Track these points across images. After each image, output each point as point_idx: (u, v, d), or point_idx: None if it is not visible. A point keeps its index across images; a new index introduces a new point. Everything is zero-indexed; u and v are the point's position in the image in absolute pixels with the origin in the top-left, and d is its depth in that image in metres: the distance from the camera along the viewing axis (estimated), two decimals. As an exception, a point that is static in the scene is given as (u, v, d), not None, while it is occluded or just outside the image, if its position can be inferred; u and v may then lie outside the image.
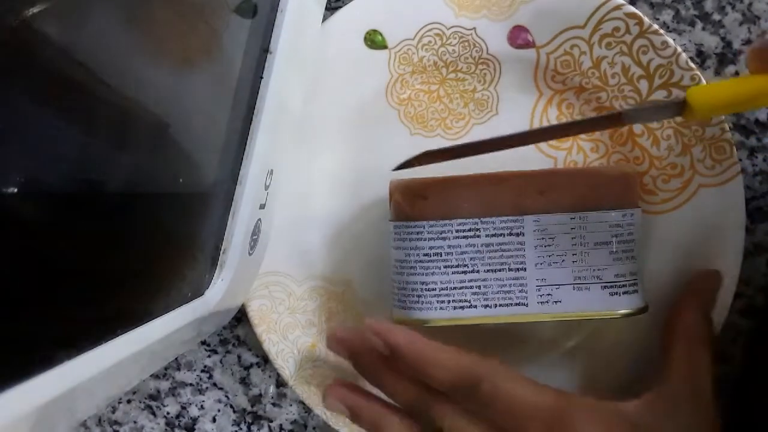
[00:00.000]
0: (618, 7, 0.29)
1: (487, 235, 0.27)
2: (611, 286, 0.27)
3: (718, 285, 0.29)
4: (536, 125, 0.31)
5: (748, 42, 0.31)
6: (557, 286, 0.27)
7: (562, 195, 0.27)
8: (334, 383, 0.31)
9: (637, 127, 0.30)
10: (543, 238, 0.27)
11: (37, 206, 0.14)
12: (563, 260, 0.27)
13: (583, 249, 0.27)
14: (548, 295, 0.27)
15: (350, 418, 0.29)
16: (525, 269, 0.27)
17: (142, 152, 0.19)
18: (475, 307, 0.27)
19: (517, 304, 0.27)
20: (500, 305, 0.27)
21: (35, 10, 0.13)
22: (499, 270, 0.27)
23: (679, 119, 0.29)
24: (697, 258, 0.30)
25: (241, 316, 0.33)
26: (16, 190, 0.13)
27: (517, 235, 0.27)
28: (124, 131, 0.18)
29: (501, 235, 0.27)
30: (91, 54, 0.15)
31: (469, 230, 0.27)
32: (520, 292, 0.27)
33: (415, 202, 0.27)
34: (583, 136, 0.31)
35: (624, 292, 0.27)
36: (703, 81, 0.29)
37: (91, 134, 0.16)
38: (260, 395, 0.35)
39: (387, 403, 0.28)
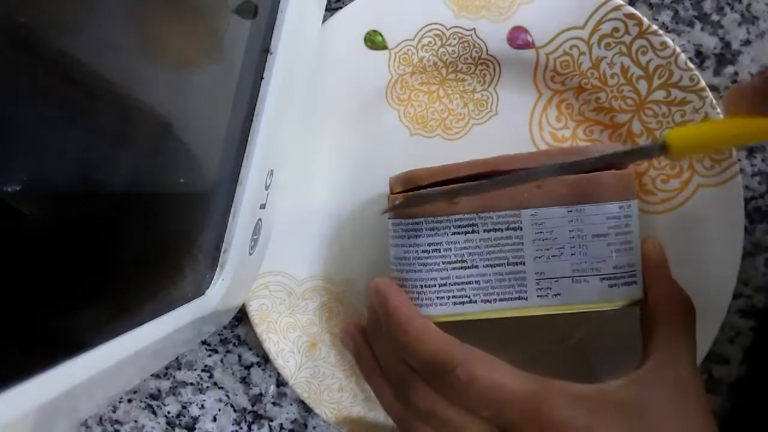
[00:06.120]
0: (617, 8, 0.29)
1: (485, 230, 0.27)
2: (610, 278, 0.27)
3: (660, 248, 0.28)
4: (535, 126, 0.31)
5: (747, 42, 0.31)
6: (556, 279, 0.27)
7: (558, 188, 0.27)
8: None
9: (637, 127, 0.30)
10: (541, 232, 0.27)
11: (38, 205, 0.14)
12: (562, 253, 0.27)
13: (581, 242, 0.26)
14: (547, 288, 0.27)
15: None
16: (524, 263, 0.27)
17: (143, 152, 0.19)
18: (475, 302, 0.27)
19: (516, 298, 0.27)
20: (500, 300, 0.27)
21: (37, 9, 0.13)
22: (498, 264, 0.27)
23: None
24: (696, 258, 0.30)
25: (241, 316, 0.33)
26: (18, 188, 0.13)
27: (515, 229, 0.27)
28: (124, 131, 0.18)
29: (499, 229, 0.27)
30: (92, 54, 0.15)
31: (467, 225, 0.27)
32: (519, 286, 0.27)
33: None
34: (581, 135, 0.31)
35: (623, 284, 0.27)
36: (702, 82, 0.29)
37: (92, 134, 0.16)
38: (261, 395, 0.35)
39: None
